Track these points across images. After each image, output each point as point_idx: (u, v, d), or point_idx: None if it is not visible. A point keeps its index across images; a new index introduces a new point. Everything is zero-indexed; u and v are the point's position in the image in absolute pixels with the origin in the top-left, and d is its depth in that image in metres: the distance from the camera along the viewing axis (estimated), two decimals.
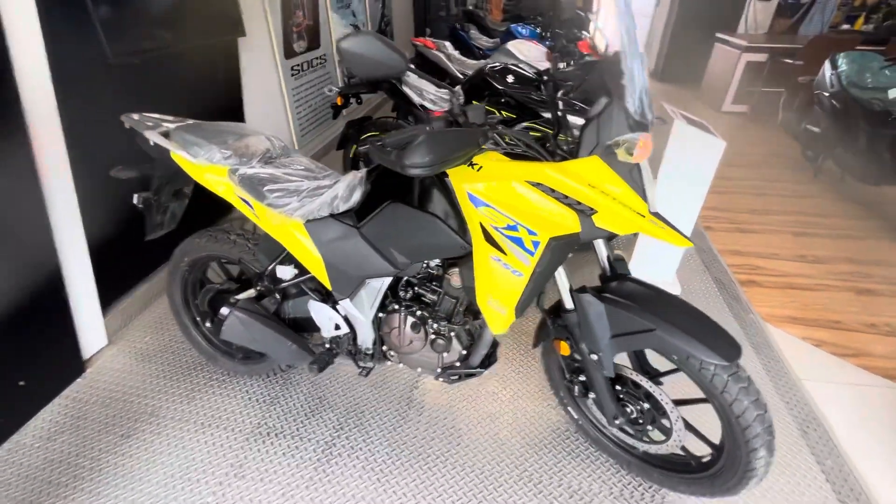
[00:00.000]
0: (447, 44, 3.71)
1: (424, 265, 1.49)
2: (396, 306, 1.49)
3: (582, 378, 1.46)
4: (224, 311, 1.51)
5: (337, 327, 1.54)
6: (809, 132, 3.85)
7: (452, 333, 1.47)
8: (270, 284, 1.60)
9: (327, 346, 1.59)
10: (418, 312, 1.47)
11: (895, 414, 1.82)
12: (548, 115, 2.34)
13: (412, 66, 2.39)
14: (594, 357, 1.30)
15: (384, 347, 1.57)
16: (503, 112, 2.65)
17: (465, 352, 1.49)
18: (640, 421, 1.38)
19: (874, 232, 3.17)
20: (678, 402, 1.33)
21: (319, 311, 1.54)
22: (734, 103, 5.68)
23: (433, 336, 1.46)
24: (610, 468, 1.58)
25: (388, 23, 5.93)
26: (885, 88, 3.27)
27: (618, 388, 1.40)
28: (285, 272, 1.57)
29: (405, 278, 1.51)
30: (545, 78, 2.44)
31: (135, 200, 1.64)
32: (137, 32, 2.02)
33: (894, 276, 2.71)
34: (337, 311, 1.53)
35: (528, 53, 3.22)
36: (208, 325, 1.82)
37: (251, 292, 1.58)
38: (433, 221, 1.29)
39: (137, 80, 2.12)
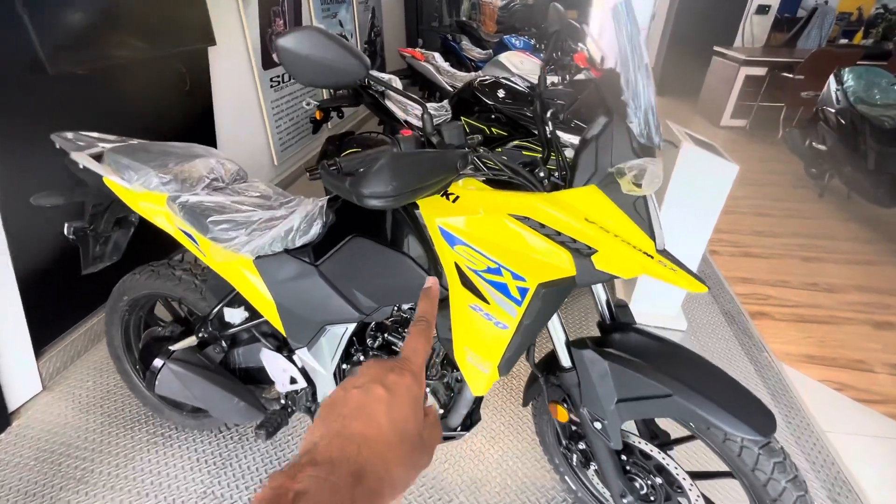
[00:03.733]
0: (437, 55, 3.55)
1: (396, 308, 1.27)
2: (362, 357, 1.27)
3: (582, 446, 1.23)
4: (157, 362, 1.28)
5: (293, 381, 1.31)
6: (814, 150, 3.69)
7: (428, 389, 1.24)
8: (216, 330, 1.37)
9: (282, 402, 1.36)
10: None
11: None
12: None
13: (379, 75, 2.18)
14: (597, 425, 1.08)
15: None
16: (493, 129, 2.46)
17: (442, 411, 1.26)
18: (652, 499, 1.16)
19: (887, 256, 2.99)
20: (696, 476, 1.11)
21: (272, 362, 1.31)
22: (733, 118, 5.55)
23: None
24: None
25: (378, 33, 5.79)
26: (894, 105, 3.12)
27: (624, 457, 1.17)
28: (234, 315, 1.34)
29: (373, 323, 1.29)
30: (532, 95, 2.27)
31: (65, 231, 1.42)
32: (83, 40, 1.82)
33: None
34: (293, 361, 1.30)
35: (522, 66, 3.05)
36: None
37: (191, 340, 1.35)
38: (402, 260, 1.08)
39: (85, 95, 1.91)
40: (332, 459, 0.28)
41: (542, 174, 1.03)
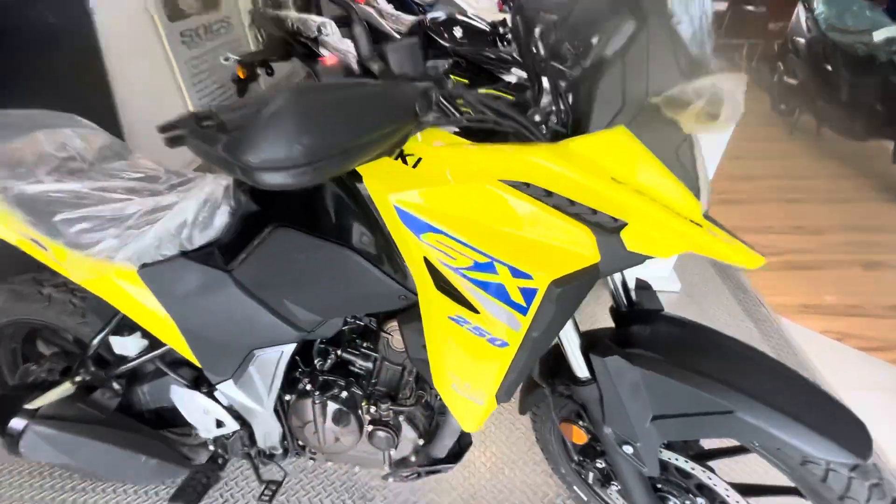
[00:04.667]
0: None
1: (351, 318, 0.96)
2: (309, 386, 0.95)
3: (600, 464, 0.98)
4: (16, 424, 0.91)
5: (220, 424, 0.98)
6: (783, 85, 3.53)
7: (401, 418, 0.95)
8: (104, 368, 1.01)
9: (210, 449, 1.03)
10: (343, 394, 0.93)
11: None
12: (510, 77, 1.81)
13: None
14: (627, 449, 0.83)
15: (300, 442, 1.04)
16: (452, 77, 2.09)
17: (422, 441, 0.97)
18: None
19: (864, 192, 2.91)
20: (746, 490, 0.89)
21: (188, 402, 0.98)
22: None
23: (371, 427, 0.94)
24: None
25: None
26: (868, 31, 2.96)
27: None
28: (127, 345, 0.98)
29: (318, 340, 0.97)
30: (502, 30, 1.90)
31: None
32: None
33: None
34: (216, 399, 0.97)
35: (477, 3, 2.65)
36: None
37: (66, 388, 0.98)
38: (346, 257, 0.76)
39: None
40: None
41: (536, 117, 0.71)
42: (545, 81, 0.76)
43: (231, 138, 0.43)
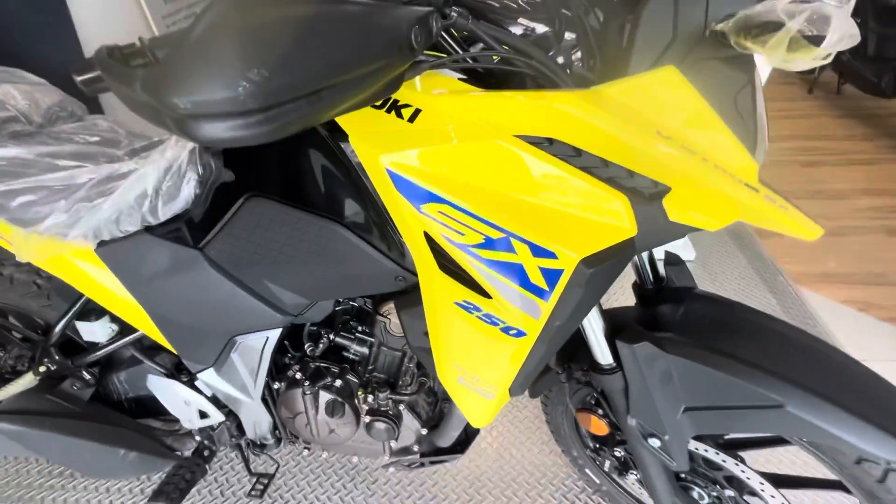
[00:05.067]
0: None
1: (344, 300, 0.85)
2: (299, 373, 0.86)
3: (618, 452, 0.90)
4: None
5: (204, 415, 0.90)
6: None
7: (401, 407, 0.86)
8: (72, 356, 0.91)
9: (196, 440, 0.95)
10: (337, 383, 0.84)
11: None
12: (517, 27, 1.63)
13: None
14: (653, 442, 0.74)
15: (293, 433, 0.95)
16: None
17: (425, 430, 0.89)
18: None
19: (887, 153, 2.75)
20: (780, 482, 0.81)
21: (167, 392, 0.89)
22: None
23: (368, 418, 0.85)
24: None
25: None
26: None
27: None
28: (95, 330, 0.88)
29: (308, 324, 0.87)
30: None
31: None
32: None
33: None
34: (197, 388, 0.88)
35: None
36: None
37: (28, 380, 0.88)
38: (332, 231, 0.65)
39: None
40: None
41: (560, 60, 0.58)
42: (569, 13, 0.63)
43: (151, 72, 0.31)
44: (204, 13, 0.31)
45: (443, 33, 0.52)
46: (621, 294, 1.73)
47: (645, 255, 0.80)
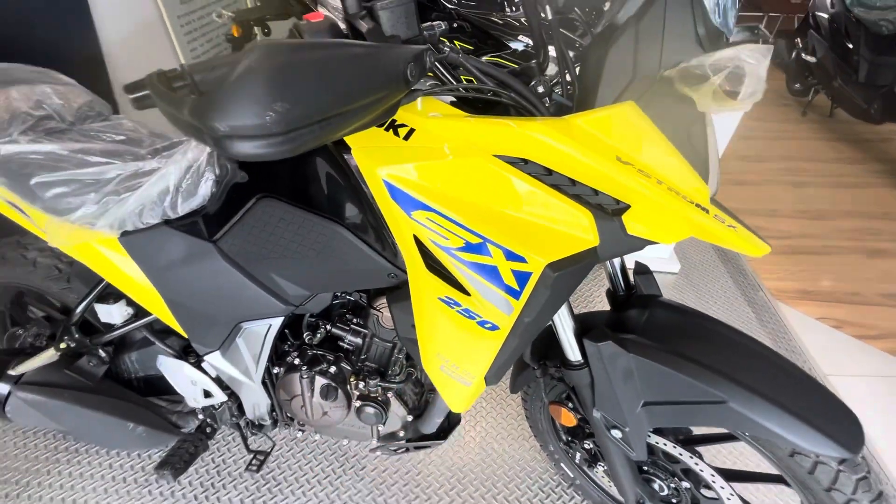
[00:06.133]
0: None
1: (341, 293, 0.93)
2: (297, 360, 0.94)
3: (588, 445, 0.98)
4: (0, 388, 0.90)
5: (208, 394, 0.98)
6: (801, 62, 3.40)
7: (389, 394, 0.94)
8: (89, 335, 0.99)
9: (199, 418, 1.03)
10: (332, 369, 0.92)
11: None
12: (517, 44, 1.72)
13: None
14: (615, 433, 0.82)
15: (288, 415, 1.03)
16: (456, 42, 2.00)
17: (410, 417, 0.97)
18: (675, 501, 0.94)
19: (874, 177, 2.84)
20: (731, 476, 0.89)
21: (175, 372, 0.97)
22: None
23: (359, 403, 0.93)
24: None
25: None
26: (894, 8, 2.82)
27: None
28: (112, 313, 0.96)
29: (308, 314, 0.95)
30: None
31: None
32: None
33: None
34: (203, 370, 0.96)
35: None
36: None
37: (50, 354, 0.96)
38: (333, 231, 0.73)
39: None
40: None
41: (540, 89, 0.67)
42: (552, 49, 0.71)
43: (198, 101, 0.39)
44: (242, 57, 0.39)
45: (437, 64, 0.60)
46: (599, 298, 1.82)
47: (618, 264, 0.88)
